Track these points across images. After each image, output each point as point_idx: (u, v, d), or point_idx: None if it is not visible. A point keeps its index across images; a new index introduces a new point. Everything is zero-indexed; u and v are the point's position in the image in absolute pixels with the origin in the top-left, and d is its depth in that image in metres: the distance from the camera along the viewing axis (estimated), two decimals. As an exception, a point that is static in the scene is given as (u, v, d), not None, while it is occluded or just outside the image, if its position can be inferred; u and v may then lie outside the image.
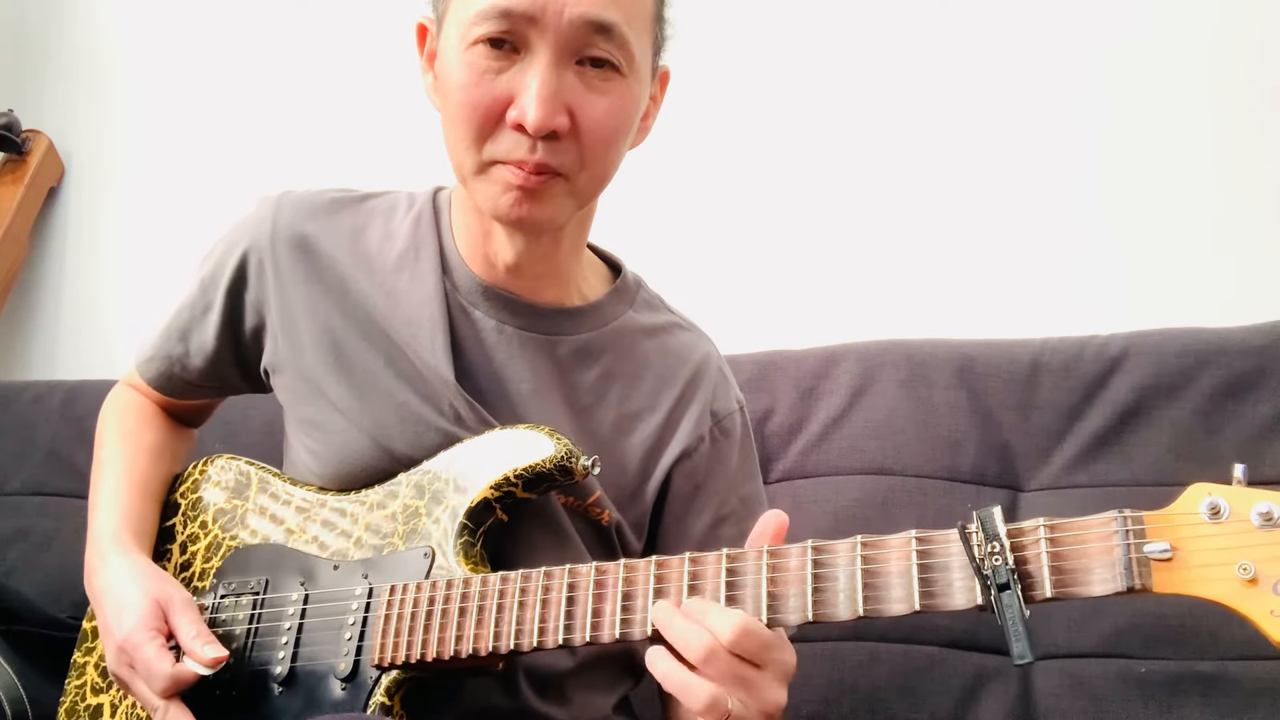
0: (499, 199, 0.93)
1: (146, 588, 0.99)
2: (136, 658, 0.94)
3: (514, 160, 0.91)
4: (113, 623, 0.97)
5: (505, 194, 0.93)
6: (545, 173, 0.92)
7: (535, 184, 0.92)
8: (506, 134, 0.91)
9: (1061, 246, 1.60)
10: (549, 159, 0.91)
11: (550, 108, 0.89)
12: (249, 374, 1.13)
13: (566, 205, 0.96)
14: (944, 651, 1.28)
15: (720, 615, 0.77)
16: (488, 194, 0.94)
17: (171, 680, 0.92)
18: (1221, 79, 1.54)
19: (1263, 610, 0.64)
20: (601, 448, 1.02)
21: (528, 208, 0.93)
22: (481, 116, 0.91)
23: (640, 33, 0.93)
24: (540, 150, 0.90)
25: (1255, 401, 1.28)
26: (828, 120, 1.74)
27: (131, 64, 2.23)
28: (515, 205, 0.93)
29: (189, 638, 0.95)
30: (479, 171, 0.94)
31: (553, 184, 0.93)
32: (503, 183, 0.92)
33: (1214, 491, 0.67)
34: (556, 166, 0.92)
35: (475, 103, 0.91)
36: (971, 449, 1.37)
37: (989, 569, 0.70)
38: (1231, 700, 1.15)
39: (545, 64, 0.89)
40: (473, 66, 0.91)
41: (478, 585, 0.89)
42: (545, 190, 0.93)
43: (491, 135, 0.92)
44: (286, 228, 1.07)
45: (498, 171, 0.92)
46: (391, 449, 1.02)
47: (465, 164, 0.94)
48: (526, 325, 1.05)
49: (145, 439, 1.16)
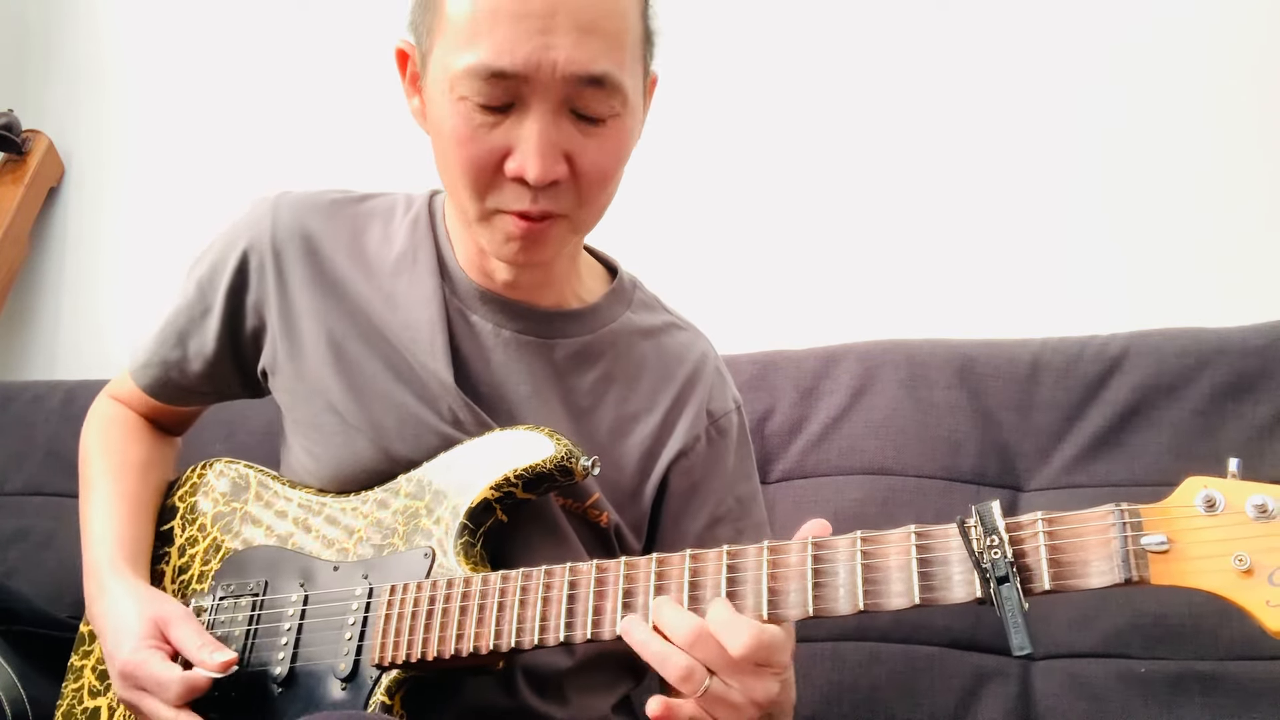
0: (502, 246, 0.95)
1: (142, 611, 0.99)
2: (142, 674, 0.94)
3: (516, 211, 0.92)
4: (114, 648, 0.97)
5: (509, 242, 0.94)
6: (547, 218, 0.93)
7: (538, 231, 0.93)
8: (508, 186, 0.91)
9: (1061, 246, 1.60)
10: (551, 206, 0.92)
11: (550, 161, 0.89)
12: (247, 377, 1.13)
13: (568, 239, 0.98)
14: (944, 651, 1.29)
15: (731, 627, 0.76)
16: (491, 239, 0.96)
17: (185, 685, 0.92)
18: (1221, 79, 1.54)
19: (1258, 601, 0.64)
20: (600, 450, 1.02)
21: (531, 254, 0.95)
22: (479, 170, 0.91)
23: (632, 69, 0.93)
24: (541, 200, 0.91)
25: (1255, 401, 1.28)
26: (827, 120, 1.74)
27: (131, 64, 2.23)
28: (520, 253, 0.95)
29: (195, 648, 0.95)
30: (482, 219, 0.95)
31: (553, 226, 0.94)
32: (505, 232, 0.94)
33: (1209, 484, 0.67)
34: (557, 211, 0.93)
35: (472, 157, 0.91)
36: (971, 449, 1.37)
37: (988, 562, 0.71)
38: (1231, 700, 1.16)
39: (541, 118, 0.88)
40: (467, 120, 0.90)
41: (478, 584, 0.89)
42: (546, 234, 0.94)
43: (491, 186, 0.92)
44: (286, 228, 1.07)
45: (501, 221, 0.93)
46: (390, 451, 1.02)
47: (468, 210, 0.95)
48: (524, 329, 1.05)
49: (131, 455, 1.16)
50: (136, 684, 0.95)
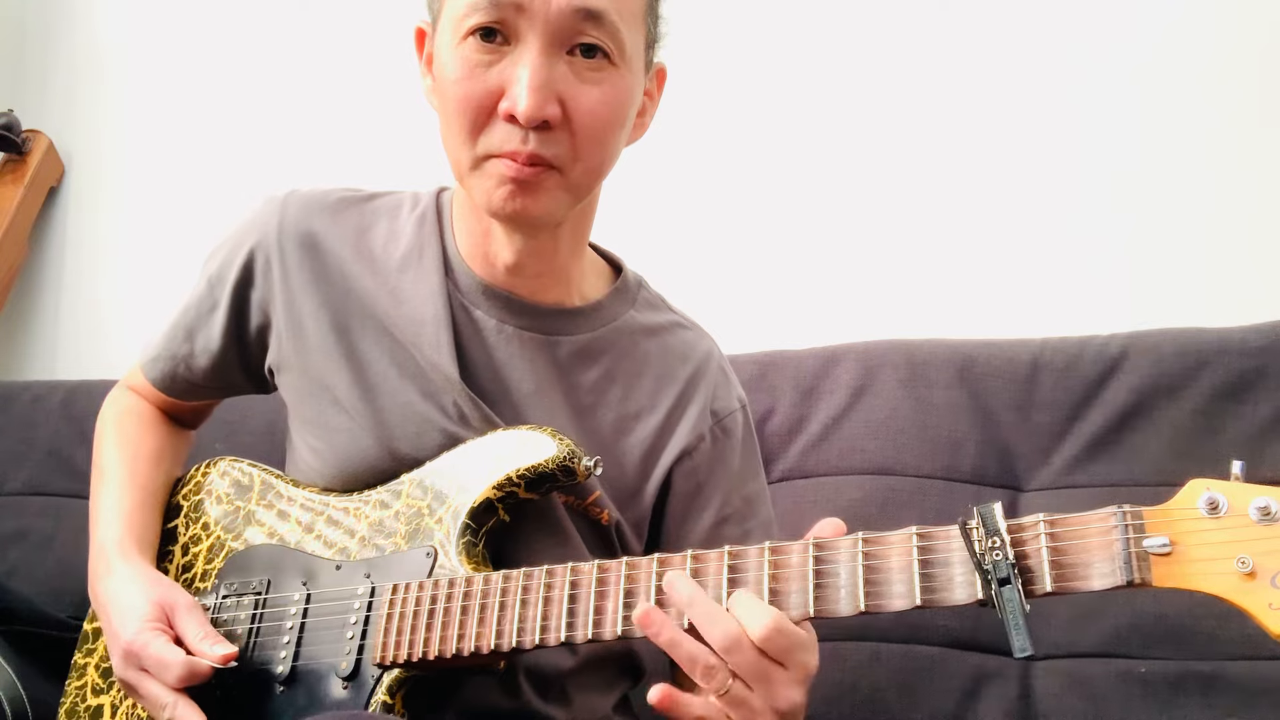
0: (493, 193, 0.93)
1: (149, 593, 0.99)
2: (146, 654, 0.94)
3: (507, 152, 0.91)
4: (118, 628, 0.97)
5: (499, 187, 0.93)
6: (538, 164, 0.92)
7: (529, 175, 0.92)
8: (499, 126, 0.91)
9: (1061, 246, 1.60)
10: (541, 149, 0.91)
11: (541, 97, 0.89)
12: (253, 373, 1.14)
13: (561, 199, 0.96)
14: (944, 651, 1.28)
15: (752, 609, 0.76)
16: (483, 188, 0.94)
17: (187, 668, 0.92)
18: (1221, 79, 1.54)
19: (1261, 604, 0.64)
20: (602, 448, 1.02)
21: (522, 201, 0.93)
22: (474, 109, 0.91)
23: (631, 23, 0.94)
24: (532, 141, 0.90)
25: (1255, 401, 1.28)
26: (828, 120, 1.74)
27: (131, 64, 2.23)
28: (509, 198, 0.93)
29: (196, 639, 0.95)
30: (474, 166, 0.94)
31: (546, 176, 0.93)
32: (496, 176, 0.93)
33: (1212, 487, 0.67)
34: (549, 158, 0.92)
35: (468, 95, 0.91)
36: (971, 449, 1.37)
37: (989, 564, 0.71)
38: (1231, 700, 1.16)
39: (535, 54, 0.89)
40: (465, 60, 0.91)
41: (480, 584, 0.89)
42: (539, 183, 0.93)
43: (485, 128, 0.92)
44: (293, 226, 1.07)
45: (491, 165, 0.93)
46: (395, 449, 1.02)
47: (461, 159, 0.95)
48: (527, 325, 1.05)
49: (145, 445, 1.16)
50: (139, 664, 0.95)
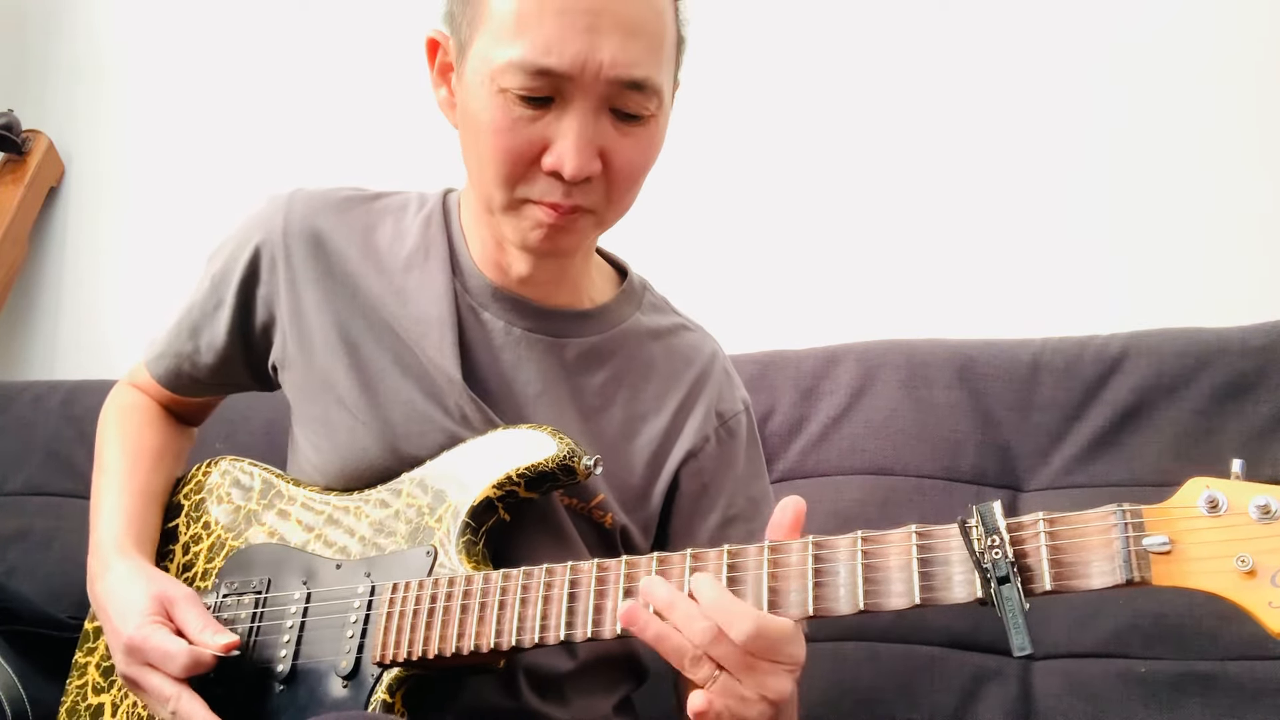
0: (528, 234, 0.95)
1: (148, 588, 0.99)
2: (148, 647, 0.94)
3: (548, 202, 0.93)
4: (119, 623, 0.98)
5: (535, 229, 0.95)
6: (576, 211, 0.94)
7: (566, 222, 0.94)
8: (541, 178, 0.92)
9: (1061, 246, 1.60)
10: (582, 200, 0.93)
11: (586, 157, 0.90)
12: (257, 371, 1.14)
13: (591, 235, 1.00)
14: (944, 651, 1.28)
15: (731, 611, 0.76)
16: (517, 228, 0.96)
17: (191, 657, 0.93)
18: (1222, 79, 1.55)
19: (1261, 602, 0.64)
20: (608, 450, 1.02)
21: (556, 241, 0.96)
22: (514, 161, 0.92)
23: (666, 71, 0.95)
24: (575, 194, 0.92)
25: (1255, 401, 1.28)
26: (828, 120, 1.74)
27: (132, 64, 2.23)
28: (544, 240, 0.95)
29: (197, 630, 0.95)
30: (509, 209, 0.95)
31: (580, 219, 0.95)
32: (533, 220, 0.94)
33: (1212, 485, 0.67)
34: (587, 205, 0.94)
35: (509, 148, 0.92)
36: (971, 449, 1.37)
37: (989, 562, 0.71)
38: (1231, 700, 1.15)
39: (581, 115, 0.90)
40: (506, 112, 0.91)
41: (479, 583, 0.89)
42: (573, 226, 0.95)
43: (524, 178, 0.93)
44: (298, 224, 1.07)
45: (530, 210, 0.94)
46: (397, 448, 1.02)
47: (495, 199, 0.95)
48: (535, 327, 1.05)
49: (147, 441, 1.17)
50: (142, 658, 0.95)
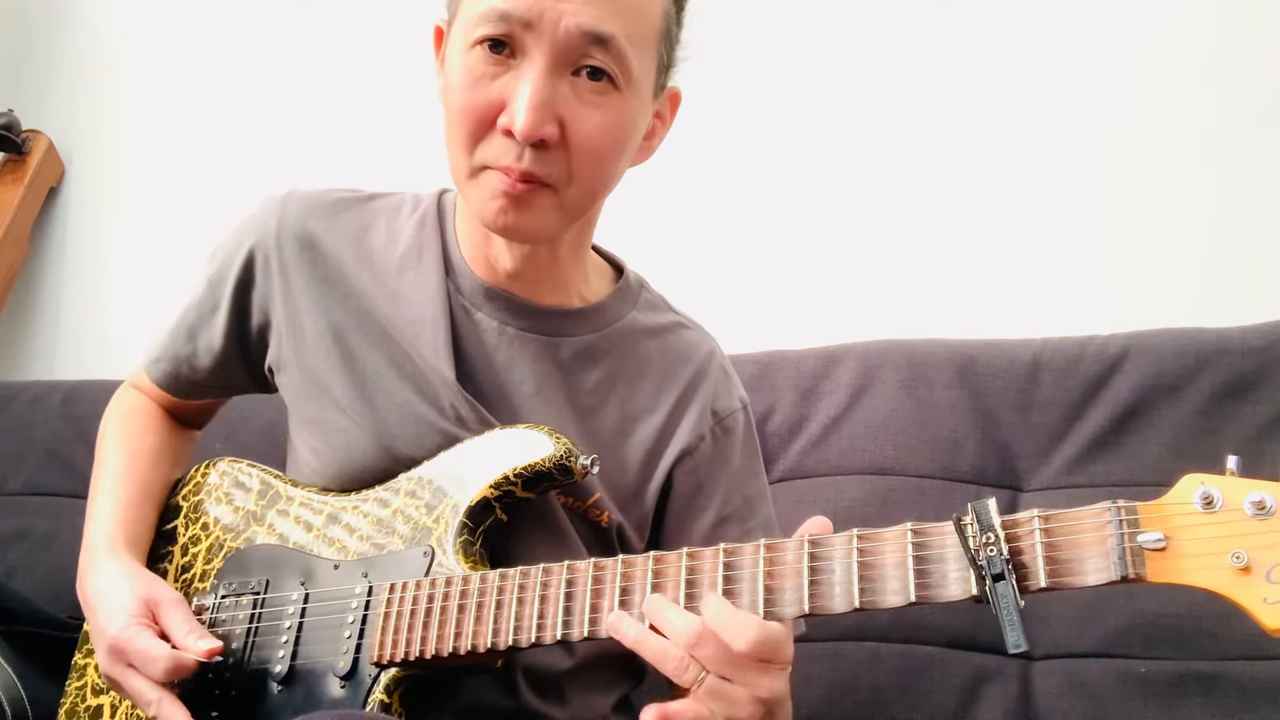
0: (486, 204, 0.93)
1: (135, 589, 0.99)
2: (131, 649, 0.94)
3: (501, 166, 0.91)
4: (105, 623, 0.98)
5: (492, 200, 0.92)
6: (532, 181, 0.91)
7: (521, 191, 0.91)
8: (497, 139, 0.91)
9: (1061, 246, 1.60)
10: (536, 168, 0.90)
11: (539, 116, 0.88)
12: (255, 373, 1.14)
13: (554, 218, 0.95)
14: (944, 651, 1.28)
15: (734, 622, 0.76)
16: (477, 198, 0.94)
17: (173, 662, 0.92)
18: (1222, 79, 1.54)
19: (1255, 598, 0.64)
20: (604, 449, 1.02)
21: (513, 216, 0.93)
22: (474, 119, 0.91)
23: (642, 49, 0.93)
24: (528, 158, 0.90)
25: (1255, 401, 1.28)
26: (828, 120, 1.74)
27: (132, 64, 2.23)
28: (501, 213, 0.93)
29: (181, 634, 0.95)
30: (470, 175, 0.94)
31: (539, 194, 0.92)
32: (490, 188, 0.92)
33: (1207, 481, 0.67)
34: (543, 176, 0.91)
35: (469, 105, 0.91)
36: (971, 449, 1.37)
37: (984, 559, 0.70)
38: (1231, 700, 1.15)
39: (538, 71, 0.89)
40: (471, 70, 0.91)
41: (477, 583, 0.89)
42: (531, 200, 0.92)
43: (483, 139, 0.92)
44: (292, 226, 1.07)
45: (487, 177, 0.92)
46: (392, 449, 1.02)
47: (459, 166, 0.95)
48: (528, 326, 1.05)
49: (146, 442, 1.17)
50: (124, 659, 0.95)
